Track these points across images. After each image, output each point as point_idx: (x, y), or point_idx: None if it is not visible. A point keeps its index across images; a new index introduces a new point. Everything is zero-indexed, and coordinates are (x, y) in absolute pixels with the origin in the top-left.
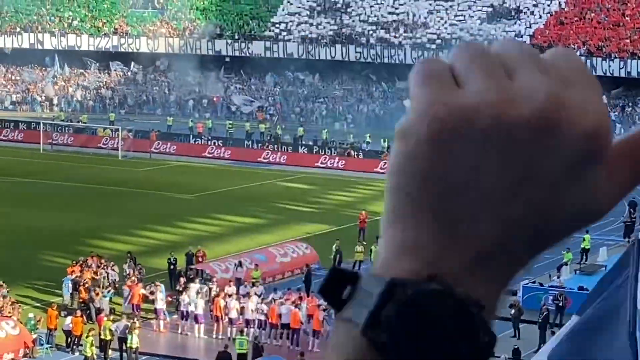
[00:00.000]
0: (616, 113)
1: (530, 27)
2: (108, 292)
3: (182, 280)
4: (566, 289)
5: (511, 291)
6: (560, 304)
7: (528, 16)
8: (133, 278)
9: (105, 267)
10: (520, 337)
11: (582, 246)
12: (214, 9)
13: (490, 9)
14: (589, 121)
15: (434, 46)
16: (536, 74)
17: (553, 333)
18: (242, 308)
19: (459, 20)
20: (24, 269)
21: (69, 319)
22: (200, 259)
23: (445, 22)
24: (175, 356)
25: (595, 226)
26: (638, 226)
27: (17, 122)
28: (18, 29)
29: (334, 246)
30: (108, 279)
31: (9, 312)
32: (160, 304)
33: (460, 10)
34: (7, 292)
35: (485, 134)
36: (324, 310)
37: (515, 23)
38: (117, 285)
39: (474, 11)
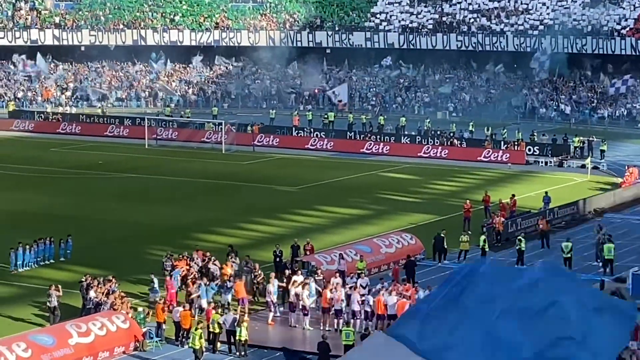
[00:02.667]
0: None
1: (634, 10)
2: (216, 285)
3: (287, 272)
4: None
5: (620, 278)
6: None
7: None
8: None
9: (209, 261)
10: None
11: None
12: (314, 1)
13: None
14: None
15: (536, 32)
16: None
17: None
18: (348, 299)
19: (562, 5)
20: (131, 264)
21: (177, 311)
22: (308, 252)
23: (548, 7)
24: (286, 349)
25: None
26: None
27: (122, 118)
28: (121, 26)
29: (441, 233)
30: (209, 272)
31: (119, 307)
32: (270, 297)
33: None
34: (117, 286)
35: None
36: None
37: (618, 7)
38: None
39: None
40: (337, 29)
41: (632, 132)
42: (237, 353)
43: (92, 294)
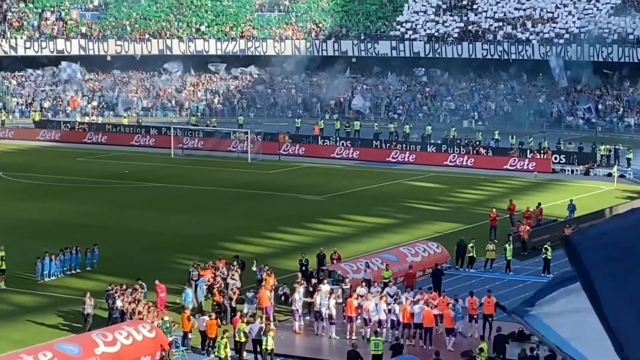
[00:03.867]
0: None
1: None
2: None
3: (313, 281)
4: None
5: None
6: None
7: None
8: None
9: (232, 270)
10: None
11: None
12: (339, 10)
13: (619, 1)
14: None
15: (561, 41)
16: None
17: None
18: (376, 307)
19: (587, 14)
20: (157, 272)
21: (203, 320)
22: (334, 261)
23: (573, 15)
24: (310, 357)
25: None
26: None
27: (148, 128)
28: (147, 36)
29: (464, 239)
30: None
31: (145, 316)
32: (297, 305)
33: (589, 3)
34: (143, 295)
35: None
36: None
37: None
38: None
39: (602, 4)
40: (362, 37)
41: None
42: None
43: (118, 303)
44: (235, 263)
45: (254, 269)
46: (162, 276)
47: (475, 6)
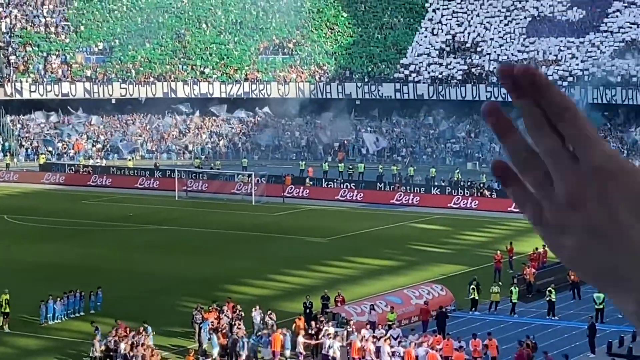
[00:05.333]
0: None
1: None
2: (257, 336)
3: (313, 324)
4: None
5: None
6: None
7: None
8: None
9: (235, 312)
10: None
11: None
12: (343, 53)
13: (622, 44)
14: None
15: (565, 83)
16: None
17: None
18: (378, 350)
19: (591, 57)
20: (161, 316)
21: None
22: (338, 303)
23: (577, 58)
24: None
25: None
26: None
27: (152, 170)
28: (151, 79)
29: (471, 286)
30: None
31: (147, 356)
32: (299, 348)
33: (592, 46)
34: (145, 338)
35: None
36: (459, 349)
37: None
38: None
39: (605, 46)
40: (366, 80)
41: None
42: None
43: (121, 346)
44: (239, 308)
45: (256, 313)
46: (166, 319)
47: (479, 49)
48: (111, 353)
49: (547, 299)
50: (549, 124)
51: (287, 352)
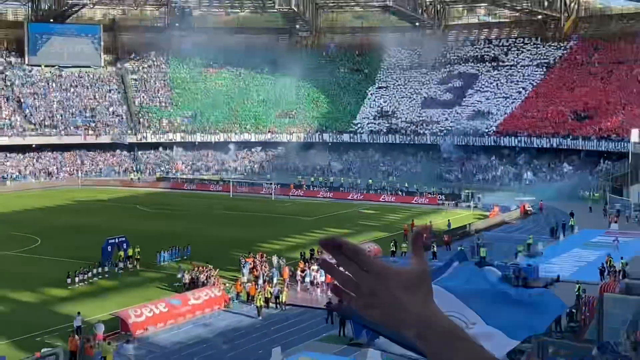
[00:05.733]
0: None
1: (496, 121)
2: (270, 272)
3: (307, 264)
4: (520, 265)
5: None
6: (517, 274)
7: None
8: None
9: (262, 259)
10: None
11: (528, 242)
12: (321, 117)
13: (473, 112)
14: None
15: (442, 134)
16: None
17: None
18: None
19: (456, 119)
20: (223, 260)
21: (248, 286)
22: (320, 253)
23: (448, 120)
24: (307, 305)
25: (535, 230)
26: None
27: (217, 181)
28: (217, 131)
29: (391, 244)
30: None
31: (217, 283)
32: (299, 277)
33: (457, 113)
34: (216, 272)
35: None
36: None
37: (487, 120)
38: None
39: (463, 114)
40: (333, 132)
41: (491, 187)
42: (280, 309)
43: (201, 276)
44: (266, 255)
45: (275, 258)
46: (223, 262)
47: (395, 115)
48: (194, 280)
49: (432, 250)
50: (353, 262)
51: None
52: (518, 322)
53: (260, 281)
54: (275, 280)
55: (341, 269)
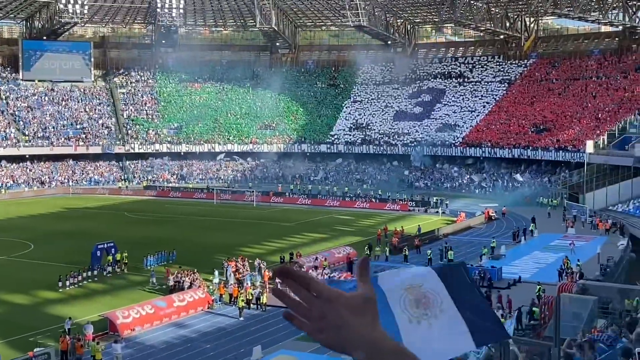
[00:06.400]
0: None
1: (463, 132)
2: (249, 274)
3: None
4: (484, 267)
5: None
6: (482, 275)
7: None
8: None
9: (244, 262)
10: None
11: (491, 245)
12: (300, 128)
13: (440, 125)
14: None
15: (412, 144)
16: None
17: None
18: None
19: (425, 131)
20: (205, 263)
21: (231, 287)
22: (298, 257)
23: (418, 132)
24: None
25: (498, 234)
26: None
27: (202, 188)
28: (202, 142)
29: (365, 247)
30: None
31: (200, 285)
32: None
33: (426, 126)
34: (198, 276)
35: None
36: None
37: (454, 132)
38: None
39: (432, 126)
40: (311, 142)
41: (458, 194)
42: (261, 310)
43: (186, 280)
44: (246, 259)
45: (257, 262)
46: (207, 265)
47: (369, 127)
48: (177, 283)
49: (404, 254)
50: (303, 288)
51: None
52: (482, 327)
53: (246, 283)
54: (258, 283)
55: (293, 295)
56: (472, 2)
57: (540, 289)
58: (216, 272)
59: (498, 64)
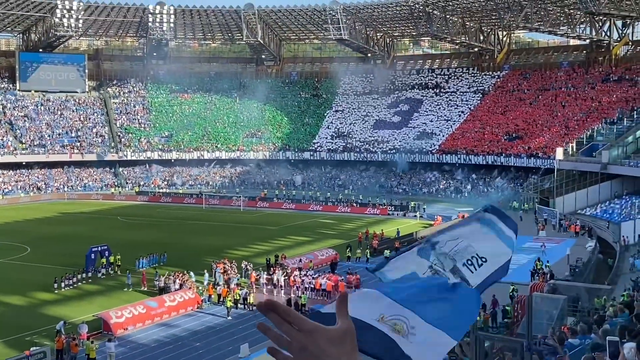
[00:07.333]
0: None
1: (438, 141)
2: (236, 277)
3: (272, 269)
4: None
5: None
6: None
7: None
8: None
9: (231, 264)
10: None
11: None
12: (284, 136)
13: (419, 133)
14: None
15: (391, 152)
16: None
17: None
18: (303, 281)
19: (404, 139)
20: (195, 265)
21: (220, 288)
22: (283, 258)
23: (397, 140)
24: None
25: None
26: None
27: (192, 194)
28: (191, 149)
29: (347, 249)
30: (233, 270)
31: (190, 286)
32: (264, 280)
33: (405, 134)
34: (191, 277)
35: None
36: (340, 280)
37: (430, 139)
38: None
39: (410, 134)
40: (295, 150)
41: (435, 199)
42: (248, 309)
43: (177, 281)
44: (234, 261)
45: (243, 264)
46: (197, 267)
47: (350, 135)
48: (167, 285)
49: (385, 256)
50: (285, 321)
51: (260, 281)
52: (454, 320)
53: (232, 284)
54: (244, 284)
55: (275, 329)
56: (447, 16)
57: (514, 289)
58: (207, 274)
59: (472, 75)
